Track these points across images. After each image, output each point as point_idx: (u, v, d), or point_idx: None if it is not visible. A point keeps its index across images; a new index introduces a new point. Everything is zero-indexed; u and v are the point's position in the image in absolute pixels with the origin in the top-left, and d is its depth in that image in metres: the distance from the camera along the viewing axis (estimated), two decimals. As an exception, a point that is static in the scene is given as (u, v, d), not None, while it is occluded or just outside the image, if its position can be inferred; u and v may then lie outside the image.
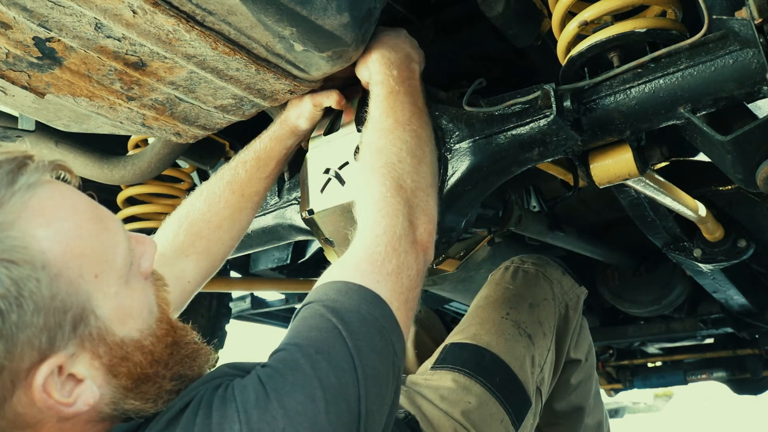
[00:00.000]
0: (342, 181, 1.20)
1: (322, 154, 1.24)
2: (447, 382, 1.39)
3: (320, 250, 1.39)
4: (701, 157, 1.28)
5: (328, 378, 0.74)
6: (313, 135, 1.29)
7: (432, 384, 1.40)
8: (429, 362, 1.50)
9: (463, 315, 2.49)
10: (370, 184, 1.00)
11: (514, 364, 1.43)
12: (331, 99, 1.25)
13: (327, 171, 1.22)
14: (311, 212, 1.23)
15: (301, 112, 1.28)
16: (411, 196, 1.00)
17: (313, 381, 0.73)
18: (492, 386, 1.39)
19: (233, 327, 2.90)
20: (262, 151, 1.31)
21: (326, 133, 1.26)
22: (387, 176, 0.99)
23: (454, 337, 1.53)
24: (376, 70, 1.14)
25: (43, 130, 1.56)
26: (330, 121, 1.28)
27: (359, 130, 1.21)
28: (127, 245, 0.80)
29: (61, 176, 0.80)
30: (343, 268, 0.90)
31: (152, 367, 0.79)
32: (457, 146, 1.22)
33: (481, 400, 1.36)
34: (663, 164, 1.25)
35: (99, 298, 0.74)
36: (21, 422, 0.71)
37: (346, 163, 1.20)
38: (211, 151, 1.82)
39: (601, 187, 1.22)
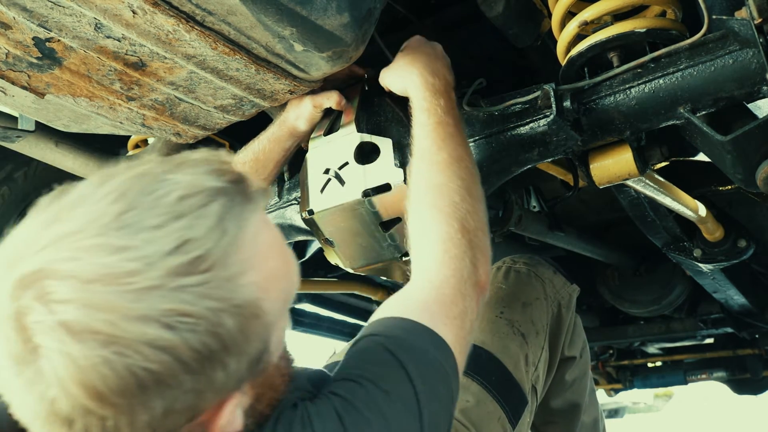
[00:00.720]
0: (342, 182, 1.20)
1: (322, 154, 1.24)
2: (462, 392, 1.37)
3: (320, 250, 1.39)
4: (701, 157, 1.28)
5: (399, 420, 0.72)
6: (313, 135, 1.29)
7: None
8: None
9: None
10: (435, 222, 0.97)
11: (509, 362, 1.43)
12: (331, 100, 1.25)
13: (327, 171, 1.22)
14: (311, 212, 1.23)
15: (301, 114, 1.28)
16: (473, 237, 0.98)
17: (389, 423, 0.72)
18: (489, 385, 1.38)
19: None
20: (261, 152, 1.31)
21: (326, 134, 1.26)
22: (452, 216, 0.97)
23: None
24: (421, 95, 1.11)
25: (43, 130, 1.56)
26: (330, 121, 1.28)
27: (359, 131, 1.21)
28: (298, 279, 0.76)
29: None
30: (410, 305, 0.87)
31: (283, 386, 0.77)
32: (457, 146, 1.22)
33: (478, 399, 1.36)
34: (663, 164, 1.25)
35: (275, 332, 0.71)
36: None
37: (346, 164, 1.20)
38: (211, 151, 1.82)
39: (601, 187, 1.22)
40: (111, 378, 0.57)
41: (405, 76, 1.15)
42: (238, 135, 1.85)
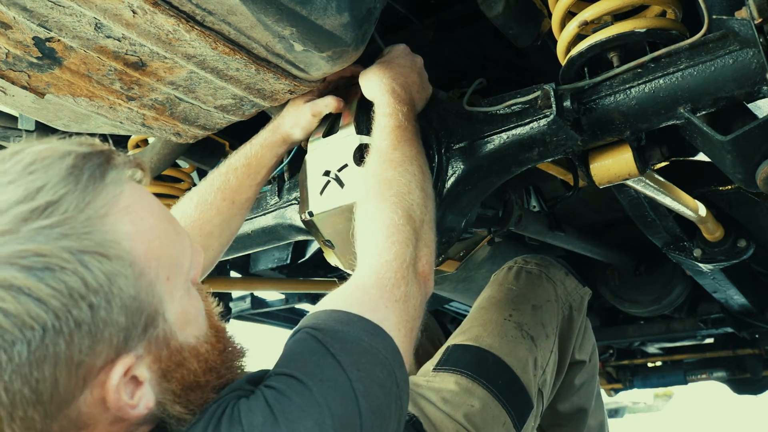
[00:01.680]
0: (341, 184, 1.20)
1: (321, 156, 1.24)
2: (449, 384, 1.38)
3: (320, 250, 1.39)
4: (701, 157, 1.28)
5: (336, 407, 0.73)
6: (312, 137, 1.28)
7: (434, 386, 1.39)
8: (431, 363, 1.49)
9: (463, 315, 2.50)
10: (380, 210, 0.99)
11: (517, 366, 1.42)
12: (330, 106, 1.26)
13: (326, 173, 1.22)
14: (311, 214, 1.23)
15: (298, 122, 1.28)
16: (419, 227, 0.99)
17: (323, 408, 0.72)
18: (495, 389, 1.37)
19: (233, 327, 2.90)
20: (253, 158, 1.30)
21: (325, 135, 1.25)
22: (398, 205, 0.99)
23: (456, 338, 1.52)
24: (385, 101, 1.15)
25: (43, 130, 1.56)
26: (329, 123, 1.28)
27: (358, 133, 1.21)
28: (191, 251, 0.80)
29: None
30: (347, 295, 0.89)
31: (205, 375, 0.79)
32: (457, 146, 1.22)
33: (483, 403, 1.35)
34: (663, 164, 1.25)
35: (167, 301, 0.73)
36: (80, 422, 0.69)
37: (345, 166, 1.20)
38: (211, 151, 1.82)
39: (601, 187, 1.22)
40: None
41: (374, 81, 1.17)
42: (238, 135, 1.85)
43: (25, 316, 0.60)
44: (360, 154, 1.19)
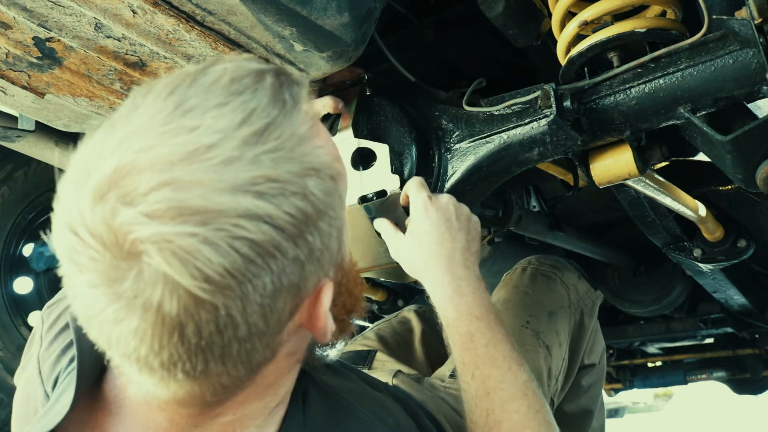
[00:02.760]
0: None
1: None
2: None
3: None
4: (701, 157, 1.28)
5: None
6: None
7: (453, 393, 1.34)
8: (447, 368, 1.45)
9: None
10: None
11: (534, 377, 1.41)
12: (327, 106, 1.23)
13: None
14: None
15: None
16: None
17: None
18: None
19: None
20: None
21: None
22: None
23: None
24: (445, 306, 0.99)
25: (43, 130, 1.56)
26: (327, 125, 1.27)
27: (356, 136, 1.21)
28: None
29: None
30: None
31: (359, 299, 0.77)
32: (457, 146, 1.22)
33: None
34: (663, 164, 1.25)
35: (345, 226, 0.71)
36: (274, 351, 0.66)
37: None
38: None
39: (601, 187, 1.22)
40: (215, 257, 0.54)
41: (421, 271, 1.03)
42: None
43: (269, 245, 0.57)
44: (357, 157, 1.19)
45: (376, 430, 0.80)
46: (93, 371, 0.71)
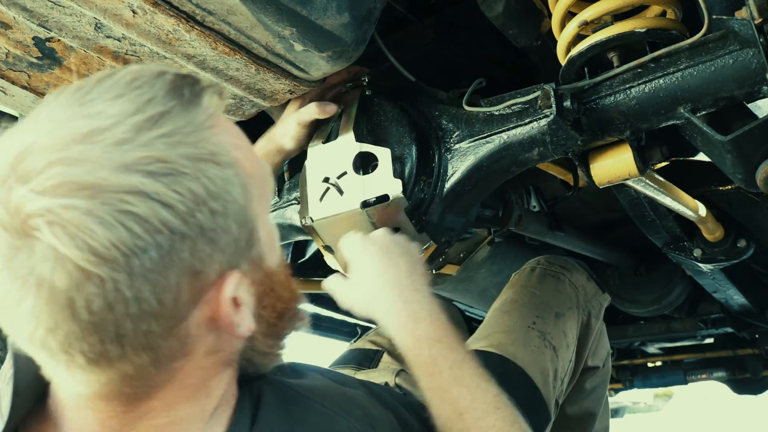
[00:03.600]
0: (341, 191, 1.20)
1: (320, 162, 1.24)
2: None
3: (320, 251, 1.39)
4: (701, 157, 1.28)
5: None
6: (312, 142, 1.28)
7: None
8: None
9: (465, 314, 2.48)
10: None
11: (539, 379, 1.37)
12: (313, 113, 1.24)
13: (326, 180, 1.22)
14: (311, 220, 1.23)
15: (286, 132, 1.27)
16: None
17: None
18: (515, 402, 1.34)
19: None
20: None
21: (325, 141, 1.25)
22: None
23: (478, 342, 1.46)
24: (402, 340, 0.96)
25: (43, 130, 1.56)
26: (329, 128, 1.27)
27: (358, 140, 1.20)
28: (271, 178, 0.79)
29: None
30: None
31: (290, 303, 0.78)
32: (457, 146, 1.22)
33: None
34: (663, 164, 1.25)
35: (259, 221, 0.72)
36: (185, 346, 0.66)
37: (345, 173, 1.20)
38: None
39: (601, 187, 1.22)
40: (101, 231, 0.56)
41: (372, 305, 1.00)
42: (238, 135, 1.85)
43: (155, 221, 0.59)
44: (359, 161, 1.19)
45: (338, 421, 0.80)
46: (36, 384, 0.70)
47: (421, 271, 1.04)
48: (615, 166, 1.16)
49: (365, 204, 1.16)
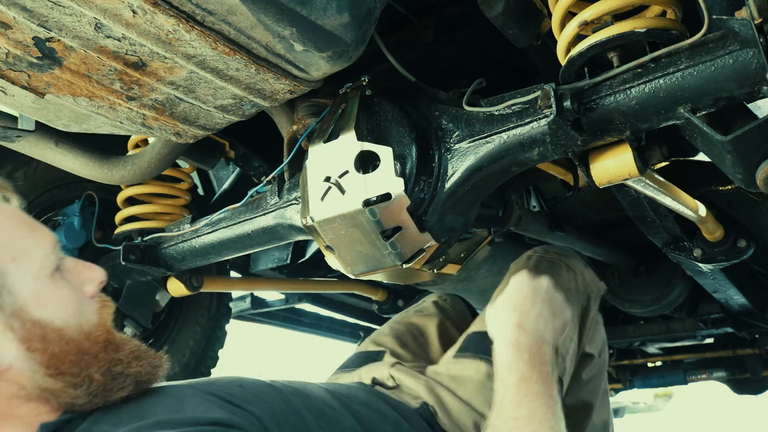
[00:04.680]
0: (342, 190, 1.19)
1: (321, 161, 1.24)
2: (469, 370, 1.38)
3: (320, 251, 1.39)
4: (701, 157, 1.28)
5: None
6: (313, 142, 1.28)
7: (453, 373, 1.39)
8: (451, 351, 1.49)
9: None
10: None
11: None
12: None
13: (327, 179, 1.22)
14: (312, 220, 1.23)
15: None
16: None
17: None
18: None
19: (233, 327, 2.90)
20: None
21: (326, 141, 1.25)
22: None
23: (476, 326, 1.52)
24: (503, 349, 1.09)
25: (43, 130, 1.56)
26: (330, 127, 1.27)
27: (359, 139, 1.20)
28: (51, 251, 0.92)
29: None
30: None
31: (77, 354, 0.87)
32: (457, 146, 1.22)
33: None
34: (663, 164, 1.25)
35: (15, 278, 0.85)
36: None
37: (347, 172, 1.20)
38: (211, 151, 1.82)
39: (601, 187, 1.22)
40: None
41: (494, 324, 1.15)
42: (238, 135, 1.85)
43: None
44: (361, 160, 1.19)
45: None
46: None
47: (557, 327, 1.17)
48: (615, 166, 1.16)
49: (367, 203, 1.16)
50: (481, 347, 1.42)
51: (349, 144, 1.21)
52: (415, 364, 1.54)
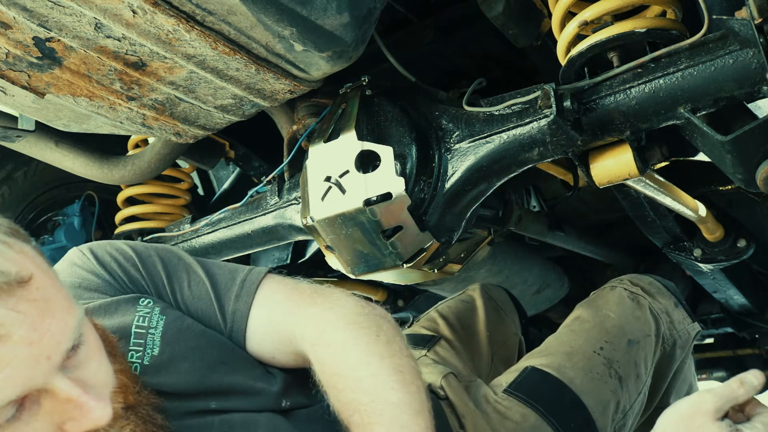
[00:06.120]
0: (343, 190, 1.19)
1: (322, 161, 1.24)
2: (516, 415, 1.26)
3: (320, 251, 1.39)
4: (701, 157, 1.28)
5: None
6: (313, 142, 1.28)
7: (501, 410, 1.28)
8: (505, 379, 1.37)
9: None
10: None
11: (595, 408, 1.29)
12: None
13: (328, 179, 1.22)
14: (312, 219, 1.23)
15: None
16: None
17: None
18: (566, 429, 1.25)
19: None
20: None
21: (327, 141, 1.25)
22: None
23: (536, 359, 1.39)
24: None
25: (43, 130, 1.56)
26: (330, 127, 1.27)
27: (359, 139, 1.20)
28: (10, 399, 0.67)
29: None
30: None
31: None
32: (457, 146, 1.22)
33: None
34: (663, 164, 1.25)
35: None
36: None
37: (347, 172, 1.20)
38: (211, 151, 1.82)
39: (601, 187, 1.22)
40: None
41: None
42: (238, 135, 1.85)
43: None
44: (361, 160, 1.19)
45: None
46: None
47: None
48: (615, 166, 1.16)
49: (368, 202, 1.16)
50: (536, 392, 1.30)
51: (349, 144, 1.20)
52: (466, 376, 1.41)
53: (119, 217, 1.89)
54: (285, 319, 1.00)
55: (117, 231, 1.88)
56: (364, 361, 0.93)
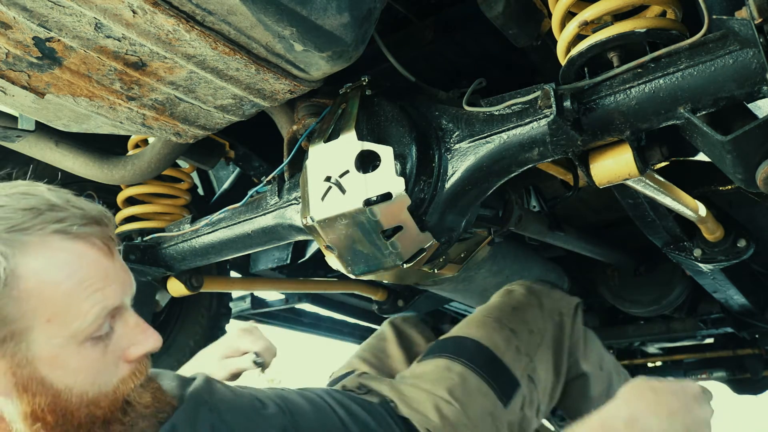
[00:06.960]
0: (343, 190, 1.19)
1: (322, 161, 1.24)
2: (429, 367, 1.50)
3: (320, 251, 1.39)
4: (701, 157, 1.28)
5: None
6: (313, 142, 1.28)
7: (416, 372, 1.51)
8: (408, 370, 1.61)
9: (464, 315, 2.51)
10: None
11: (496, 348, 1.55)
12: (243, 367, 1.33)
13: (328, 179, 1.21)
14: (312, 219, 1.23)
15: (216, 373, 1.31)
16: None
17: None
18: (473, 364, 1.49)
19: (233, 327, 2.91)
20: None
21: (326, 140, 1.25)
22: None
23: (437, 341, 1.67)
24: (621, 408, 1.03)
25: (43, 130, 1.56)
26: (330, 127, 1.27)
27: (359, 139, 1.20)
28: (96, 319, 0.84)
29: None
30: None
31: (63, 416, 0.83)
32: (457, 146, 1.22)
33: (462, 377, 1.46)
34: (663, 164, 1.25)
35: (39, 337, 0.81)
36: None
37: (347, 172, 1.20)
38: (211, 151, 1.82)
39: (601, 187, 1.22)
40: None
41: (634, 394, 1.06)
42: (238, 135, 1.85)
43: None
44: (361, 160, 1.19)
45: None
46: None
47: (687, 423, 1.04)
48: (615, 166, 1.16)
49: (368, 202, 1.16)
50: (441, 348, 1.57)
51: (349, 144, 1.20)
52: (381, 375, 1.69)
53: (119, 217, 1.89)
54: None
55: (117, 231, 1.88)
56: None
